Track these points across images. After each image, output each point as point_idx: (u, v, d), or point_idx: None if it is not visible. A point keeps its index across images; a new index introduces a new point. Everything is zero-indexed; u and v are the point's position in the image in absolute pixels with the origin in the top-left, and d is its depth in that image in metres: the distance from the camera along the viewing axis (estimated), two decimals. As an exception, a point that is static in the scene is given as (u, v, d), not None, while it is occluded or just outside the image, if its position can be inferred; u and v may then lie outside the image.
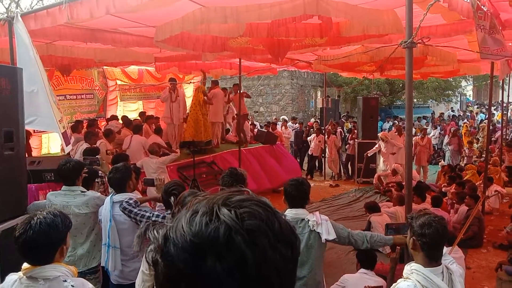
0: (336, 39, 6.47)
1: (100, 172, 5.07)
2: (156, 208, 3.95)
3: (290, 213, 3.18)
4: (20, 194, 4.08)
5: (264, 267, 0.67)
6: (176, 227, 0.71)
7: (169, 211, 3.50)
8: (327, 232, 3.13)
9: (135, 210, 3.63)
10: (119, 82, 12.84)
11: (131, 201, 3.70)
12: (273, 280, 0.69)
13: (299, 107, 23.66)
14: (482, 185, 8.70)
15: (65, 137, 4.93)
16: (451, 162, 13.60)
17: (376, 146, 11.83)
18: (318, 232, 3.12)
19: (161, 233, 0.72)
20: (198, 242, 0.67)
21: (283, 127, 15.54)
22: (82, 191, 3.90)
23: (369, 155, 11.84)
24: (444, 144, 14.46)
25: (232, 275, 0.66)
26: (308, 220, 3.14)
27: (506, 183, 10.96)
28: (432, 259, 2.30)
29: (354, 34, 6.08)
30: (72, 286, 2.19)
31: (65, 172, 3.88)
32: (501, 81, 13.64)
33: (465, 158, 13.66)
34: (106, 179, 4.66)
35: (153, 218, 3.52)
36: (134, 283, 3.14)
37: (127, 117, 10.89)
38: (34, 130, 9.35)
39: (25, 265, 2.17)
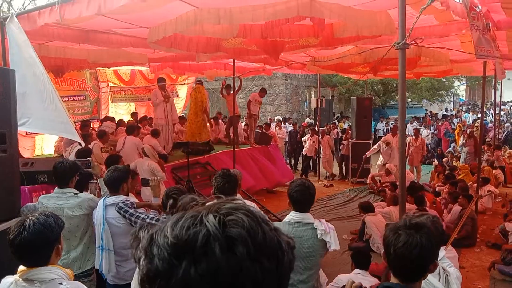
0: (330, 40, 6.49)
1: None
2: (150, 212, 3.94)
3: (294, 216, 3.13)
4: (13, 196, 4.06)
5: (239, 277, 0.67)
6: (162, 228, 0.73)
7: (164, 215, 3.48)
8: (334, 242, 3.10)
9: (131, 211, 3.62)
10: (110, 84, 12.81)
11: (128, 202, 3.70)
12: None
13: (293, 108, 23.69)
14: (475, 184, 8.76)
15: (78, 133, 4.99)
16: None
17: (375, 146, 11.91)
18: (326, 241, 3.07)
19: (149, 233, 0.74)
20: (176, 243, 0.69)
21: (277, 128, 15.57)
22: (75, 193, 3.87)
23: (368, 156, 11.94)
24: (459, 145, 14.11)
25: (205, 281, 0.66)
26: (316, 228, 3.07)
27: (499, 183, 11.04)
28: None
29: (347, 35, 6.11)
30: None
31: (60, 171, 3.85)
32: (493, 81, 13.75)
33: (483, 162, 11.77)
34: (99, 179, 4.64)
35: (148, 220, 3.51)
36: (131, 283, 3.13)
37: (123, 120, 10.85)
38: (26, 132, 9.31)
39: (21, 267, 2.17)
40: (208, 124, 10.81)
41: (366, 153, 11.92)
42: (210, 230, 0.69)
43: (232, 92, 10.59)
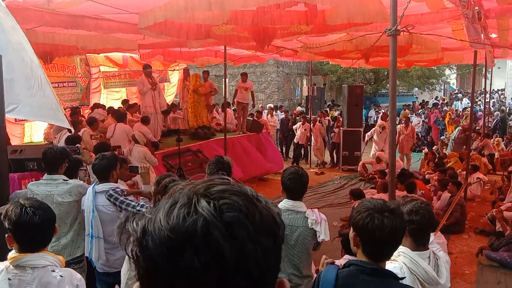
0: (322, 27, 6.45)
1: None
2: (140, 199, 3.92)
3: (287, 204, 3.15)
4: (1, 183, 4.00)
5: (243, 260, 0.66)
6: (154, 219, 0.70)
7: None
8: (324, 232, 3.13)
9: (121, 198, 3.61)
10: (103, 68, 12.64)
11: (118, 189, 3.68)
12: (253, 272, 0.68)
13: (285, 95, 23.65)
14: (464, 172, 8.85)
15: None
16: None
17: (369, 133, 12.00)
18: (316, 230, 3.10)
19: (140, 225, 0.71)
20: (175, 238, 0.66)
21: (269, 115, 15.55)
22: (64, 180, 3.85)
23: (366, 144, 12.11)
24: (452, 138, 14.01)
25: (210, 269, 0.65)
26: (307, 217, 3.10)
27: (488, 170, 11.18)
28: (420, 244, 2.34)
29: (339, 22, 6.06)
30: (61, 276, 2.16)
31: (50, 158, 3.83)
32: (484, 70, 13.82)
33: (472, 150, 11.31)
34: (89, 166, 4.61)
35: (138, 208, 3.50)
36: (120, 271, 3.14)
37: (113, 107, 10.78)
38: (15, 119, 9.20)
39: (11, 254, 2.13)
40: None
41: (366, 139, 12.09)
42: (207, 218, 0.66)
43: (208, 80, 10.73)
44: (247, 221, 0.68)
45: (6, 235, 2.16)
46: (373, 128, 12.07)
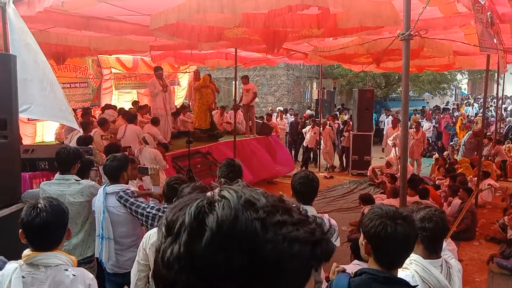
0: (333, 31, 6.44)
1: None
2: (150, 201, 3.93)
3: None
4: (14, 182, 4.05)
5: (206, 264, 0.67)
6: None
7: (165, 205, 3.46)
8: (335, 238, 3.12)
9: (131, 200, 3.60)
10: (114, 70, 12.75)
11: (128, 191, 3.68)
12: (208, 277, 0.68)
13: (295, 98, 23.62)
14: (475, 178, 8.76)
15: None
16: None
17: (391, 139, 11.95)
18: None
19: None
20: (165, 224, 0.73)
21: (279, 118, 15.52)
22: (76, 180, 3.87)
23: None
24: (463, 143, 13.83)
25: (181, 262, 0.68)
26: None
27: (498, 176, 11.06)
28: (432, 252, 2.31)
29: (350, 25, 6.05)
30: (74, 275, 2.18)
31: (64, 157, 3.86)
32: (496, 75, 13.67)
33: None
34: (100, 167, 4.64)
35: (148, 210, 3.49)
36: (130, 271, 3.15)
37: (124, 108, 10.85)
38: (28, 119, 9.29)
39: (26, 252, 2.16)
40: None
41: (390, 144, 12.11)
42: (185, 217, 0.70)
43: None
44: (215, 226, 0.68)
45: (20, 230, 2.19)
46: (396, 133, 11.94)
